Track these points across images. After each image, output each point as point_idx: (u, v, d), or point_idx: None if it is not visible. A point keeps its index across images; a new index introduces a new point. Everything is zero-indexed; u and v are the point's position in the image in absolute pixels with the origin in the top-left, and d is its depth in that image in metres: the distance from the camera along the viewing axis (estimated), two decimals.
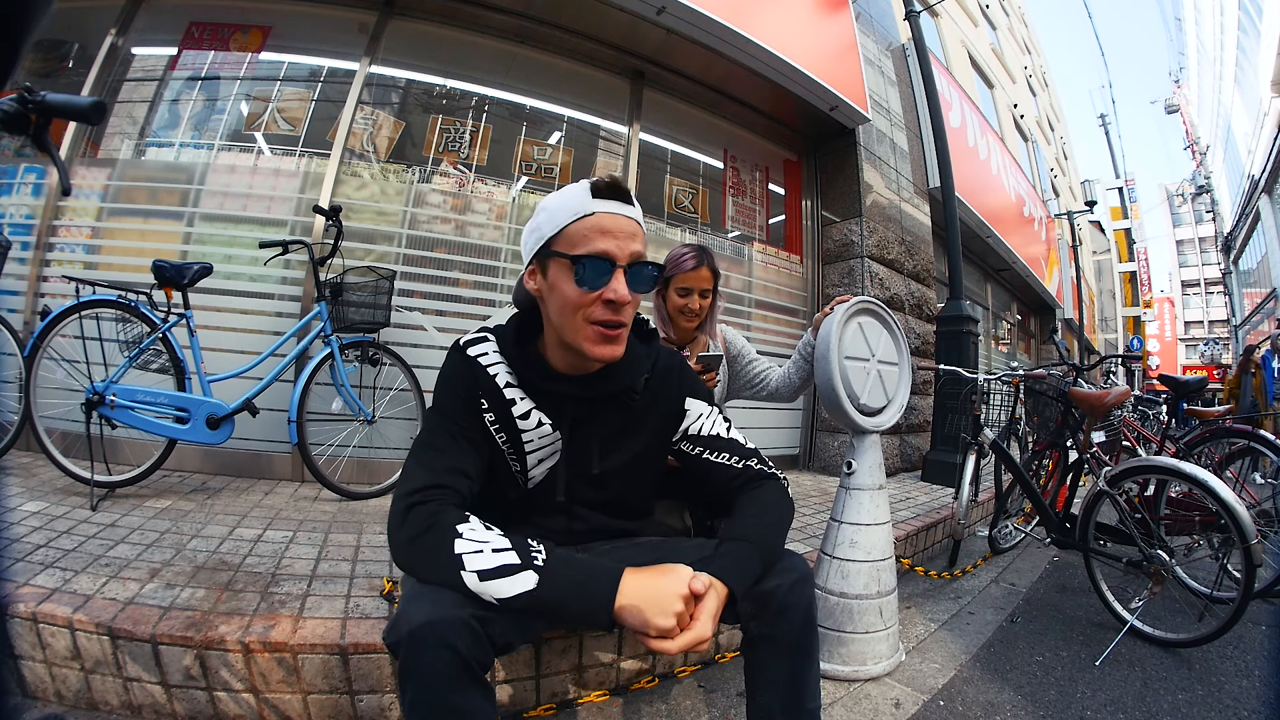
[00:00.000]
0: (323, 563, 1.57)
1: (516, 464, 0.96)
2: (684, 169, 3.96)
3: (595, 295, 0.84)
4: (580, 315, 0.85)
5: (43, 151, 0.82)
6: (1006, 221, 7.27)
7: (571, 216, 0.85)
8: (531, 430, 0.93)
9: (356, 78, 2.93)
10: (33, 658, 1.16)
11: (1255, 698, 1.53)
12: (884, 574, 1.61)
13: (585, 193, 0.86)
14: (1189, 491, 1.96)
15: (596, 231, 0.84)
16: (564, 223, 0.85)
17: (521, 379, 0.93)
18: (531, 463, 0.96)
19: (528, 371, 0.93)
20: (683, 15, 3.10)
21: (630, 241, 0.85)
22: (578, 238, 0.84)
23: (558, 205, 0.87)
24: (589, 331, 0.85)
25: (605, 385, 0.94)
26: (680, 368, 1.06)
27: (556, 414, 0.94)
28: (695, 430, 1.02)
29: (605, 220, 0.85)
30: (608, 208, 0.85)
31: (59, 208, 2.64)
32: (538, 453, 0.95)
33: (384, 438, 2.56)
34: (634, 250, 0.86)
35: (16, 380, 1.93)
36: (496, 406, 0.92)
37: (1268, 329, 17.16)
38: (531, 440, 0.94)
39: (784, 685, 0.88)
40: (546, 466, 0.97)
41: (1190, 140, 29.22)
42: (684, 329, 1.78)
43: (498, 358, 0.94)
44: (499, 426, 0.93)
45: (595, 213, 0.84)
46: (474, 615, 0.72)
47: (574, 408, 0.94)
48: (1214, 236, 27.91)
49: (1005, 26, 10.88)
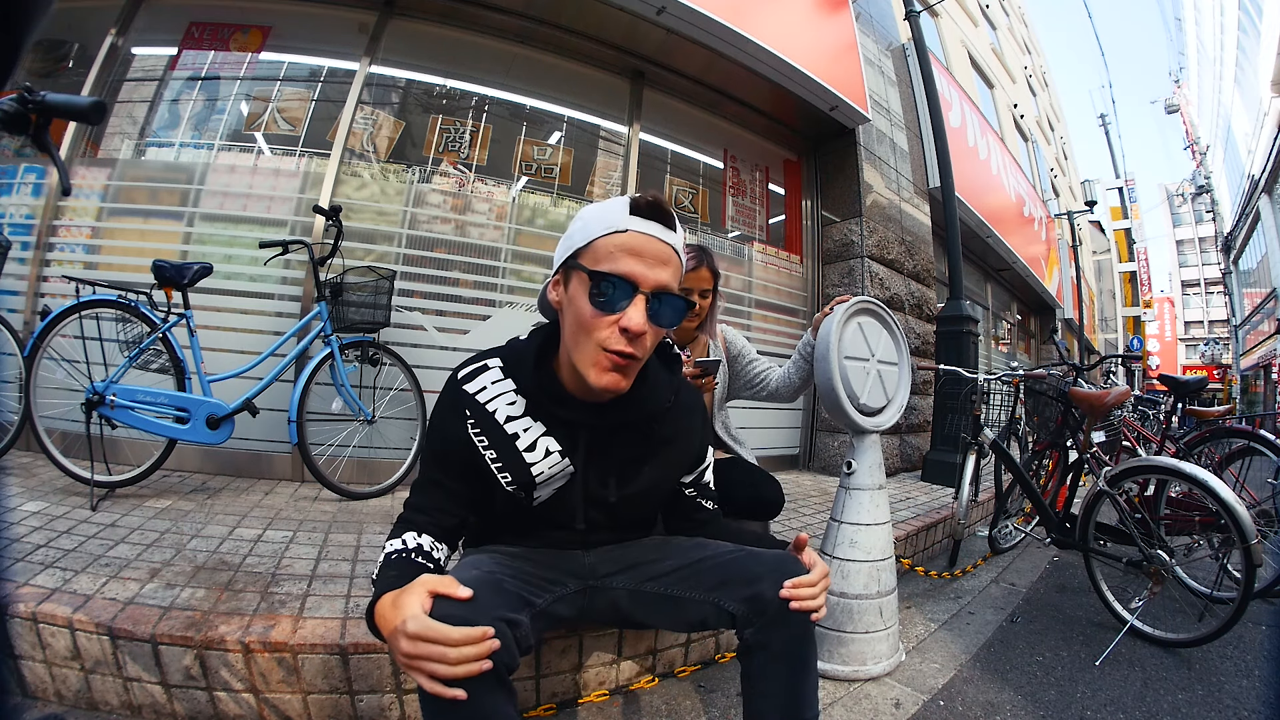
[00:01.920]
0: (323, 563, 1.57)
1: (522, 493, 0.91)
2: (684, 169, 3.96)
3: (610, 320, 0.78)
4: (593, 338, 0.79)
5: (43, 151, 0.82)
6: (1006, 221, 7.27)
7: (604, 230, 0.80)
8: (540, 461, 0.89)
9: (356, 78, 2.93)
10: (33, 658, 1.16)
11: (1255, 698, 1.53)
12: (884, 574, 1.61)
13: (624, 207, 0.81)
14: (1189, 491, 1.96)
15: (624, 250, 0.78)
16: (595, 235, 0.80)
17: (532, 403, 0.89)
18: (537, 486, 0.91)
19: (542, 396, 0.88)
20: (683, 15, 3.10)
21: (660, 269, 0.80)
22: (603, 253, 0.79)
23: (594, 216, 0.82)
24: (598, 357, 0.79)
25: (623, 414, 0.88)
26: (704, 411, 1.05)
27: (569, 441, 0.89)
28: (705, 480, 1.08)
29: (637, 240, 0.79)
30: (644, 227, 0.79)
31: (59, 208, 2.64)
32: (548, 482, 0.91)
33: (384, 438, 2.56)
34: (662, 279, 0.79)
35: (16, 380, 1.92)
36: (498, 444, 0.88)
37: (1268, 329, 17.17)
38: (541, 472, 0.89)
39: (781, 695, 0.85)
40: (554, 488, 0.92)
41: (1190, 140, 29.24)
42: (684, 329, 1.78)
43: (500, 388, 0.90)
44: (502, 465, 0.89)
45: (628, 230, 0.79)
46: (502, 618, 0.71)
47: (589, 436, 0.90)
48: (1214, 236, 27.92)
49: (1005, 26, 10.88)
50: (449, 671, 0.63)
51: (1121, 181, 23.89)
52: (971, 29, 8.44)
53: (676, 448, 0.98)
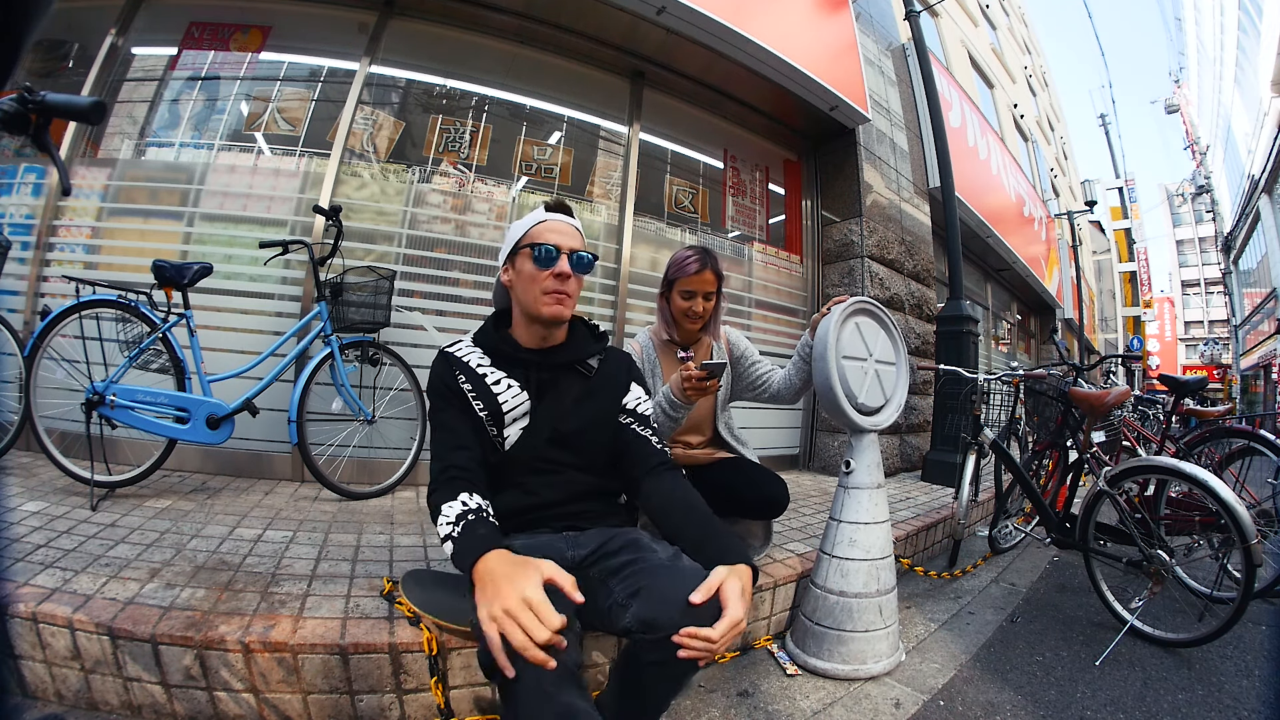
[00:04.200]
0: (323, 563, 1.57)
1: (494, 429, 1.16)
2: (684, 169, 3.96)
3: (547, 272, 1.14)
4: (538, 286, 1.14)
5: (43, 151, 0.82)
6: (1006, 221, 7.26)
7: (532, 224, 1.18)
8: (505, 393, 1.17)
9: (356, 78, 2.93)
10: (33, 657, 1.16)
11: (1255, 698, 1.53)
12: (883, 572, 1.61)
13: (541, 210, 1.21)
14: (1189, 491, 1.96)
15: (548, 230, 1.17)
16: (526, 228, 1.19)
17: (495, 357, 1.20)
18: (507, 422, 1.16)
19: (502, 346, 1.20)
20: (683, 15, 3.10)
21: (570, 239, 1.17)
22: (535, 235, 1.17)
23: (524, 221, 1.21)
24: (544, 298, 1.14)
25: (561, 356, 1.21)
26: (630, 364, 1.31)
27: (524, 379, 1.19)
28: (633, 406, 1.24)
29: (554, 224, 1.18)
30: (556, 218, 1.19)
31: (59, 208, 2.64)
32: (511, 413, 1.16)
33: (384, 438, 2.56)
34: (574, 244, 1.17)
35: (16, 380, 1.92)
36: (473, 380, 1.18)
37: (1268, 329, 17.17)
38: (506, 401, 1.16)
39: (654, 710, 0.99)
40: (519, 428, 1.17)
41: (1190, 140, 29.21)
42: (688, 331, 1.78)
43: (471, 348, 1.22)
44: (476, 395, 1.16)
45: (547, 219, 1.18)
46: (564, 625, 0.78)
47: (538, 374, 1.20)
48: (1214, 236, 27.91)
49: (1005, 26, 10.88)
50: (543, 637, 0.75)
51: (1121, 181, 23.87)
52: (971, 29, 8.44)
53: (608, 387, 1.24)
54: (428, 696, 1.18)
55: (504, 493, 1.16)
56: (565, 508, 1.17)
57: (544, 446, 1.17)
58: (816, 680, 1.54)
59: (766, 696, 1.45)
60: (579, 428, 1.18)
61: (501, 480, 1.17)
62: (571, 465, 1.19)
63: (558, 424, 1.17)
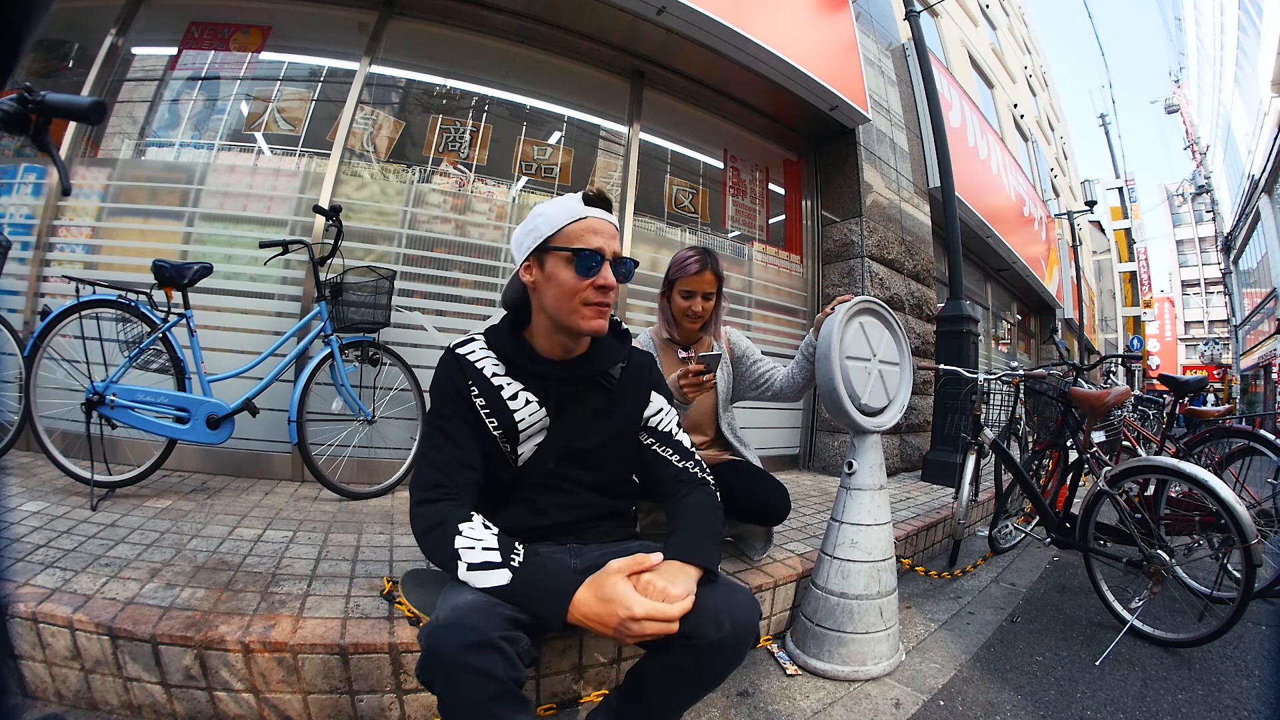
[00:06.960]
0: (323, 563, 1.57)
1: (507, 445, 1.07)
2: (684, 169, 3.95)
3: (589, 282, 1.01)
4: (577, 298, 1.01)
5: (43, 151, 0.82)
6: (1006, 221, 7.26)
7: (568, 219, 1.02)
8: (522, 409, 1.06)
9: (356, 77, 2.93)
10: (33, 657, 1.16)
11: (1255, 698, 1.53)
12: (884, 574, 1.61)
13: (578, 201, 1.03)
14: (1189, 491, 1.96)
15: (589, 231, 1.02)
16: (561, 224, 1.02)
17: (510, 366, 1.08)
18: (522, 439, 1.07)
19: (518, 357, 1.07)
20: (683, 15, 3.10)
21: (613, 241, 1.04)
22: (574, 236, 1.01)
23: (555, 211, 1.03)
24: (584, 310, 1.02)
25: (584, 369, 1.09)
26: (651, 366, 1.21)
27: (542, 393, 1.08)
28: (655, 424, 1.15)
29: (596, 223, 1.03)
30: (596, 214, 1.03)
31: (59, 208, 2.64)
32: (528, 430, 1.07)
33: (384, 438, 2.56)
34: (616, 248, 1.05)
35: (16, 380, 1.93)
36: (487, 393, 1.06)
37: (1268, 329, 17.17)
38: (523, 419, 1.06)
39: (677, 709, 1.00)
40: (534, 444, 1.08)
41: (1190, 140, 29.22)
42: (688, 330, 1.79)
43: (485, 352, 1.09)
44: (490, 411, 1.05)
45: (587, 216, 1.02)
46: (502, 636, 0.78)
47: (558, 388, 1.08)
48: (1214, 236, 27.92)
49: (1005, 26, 10.87)
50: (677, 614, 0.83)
51: (1121, 181, 23.86)
52: (971, 29, 8.44)
53: (630, 399, 1.15)
54: (428, 696, 1.18)
55: (512, 506, 1.09)
56: (573, 528, 1.12)
57: (559, 463, 1.09)
58: (816, 680, 1.54)
59: (766, 696, 1.45)
60: (597, 444, 1.10)
61: (510, 494, 1.10)
62: (586, 485, 1.11)
63: (575, 440, 1.08)
